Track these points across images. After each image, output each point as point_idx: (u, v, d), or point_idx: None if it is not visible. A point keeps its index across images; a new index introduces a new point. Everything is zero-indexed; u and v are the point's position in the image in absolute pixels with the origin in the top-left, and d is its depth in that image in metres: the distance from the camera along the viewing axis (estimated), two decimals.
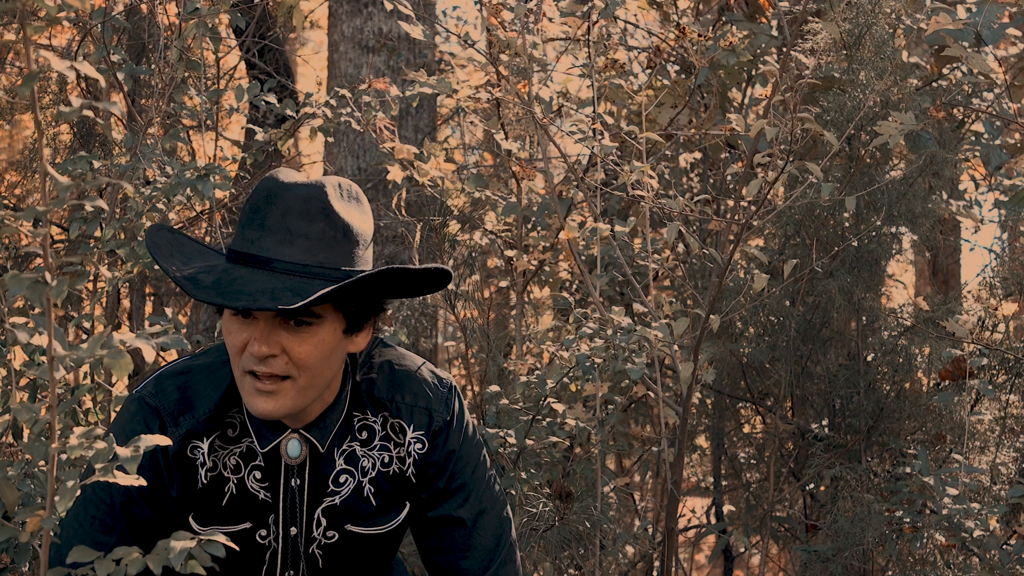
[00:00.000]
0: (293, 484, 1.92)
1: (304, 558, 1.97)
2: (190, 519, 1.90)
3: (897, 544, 3.36)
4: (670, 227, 3.07)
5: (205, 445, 1.87)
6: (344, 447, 1.95)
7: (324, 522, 1.95)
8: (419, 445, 1.99)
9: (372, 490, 1.97)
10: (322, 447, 1.91)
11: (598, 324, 2.95)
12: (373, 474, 1.97)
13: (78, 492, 1.52)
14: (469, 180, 3.81)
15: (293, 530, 1.94)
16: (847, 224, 3.69)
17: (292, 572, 1.97)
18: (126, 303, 4.20)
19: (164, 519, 1.87)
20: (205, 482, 1.88)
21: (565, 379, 2.97)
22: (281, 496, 1.92)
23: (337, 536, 1.97)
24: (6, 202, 4.55)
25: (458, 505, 2.03)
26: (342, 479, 1.95)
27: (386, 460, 1.98)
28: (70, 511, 1.85)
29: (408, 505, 2.03)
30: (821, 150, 3.71)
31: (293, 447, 1.90)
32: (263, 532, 1.93)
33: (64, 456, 1.51)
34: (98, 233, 3.01)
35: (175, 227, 1.86)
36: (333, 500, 1.95)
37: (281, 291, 1.71)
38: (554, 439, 3.02)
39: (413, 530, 2.08)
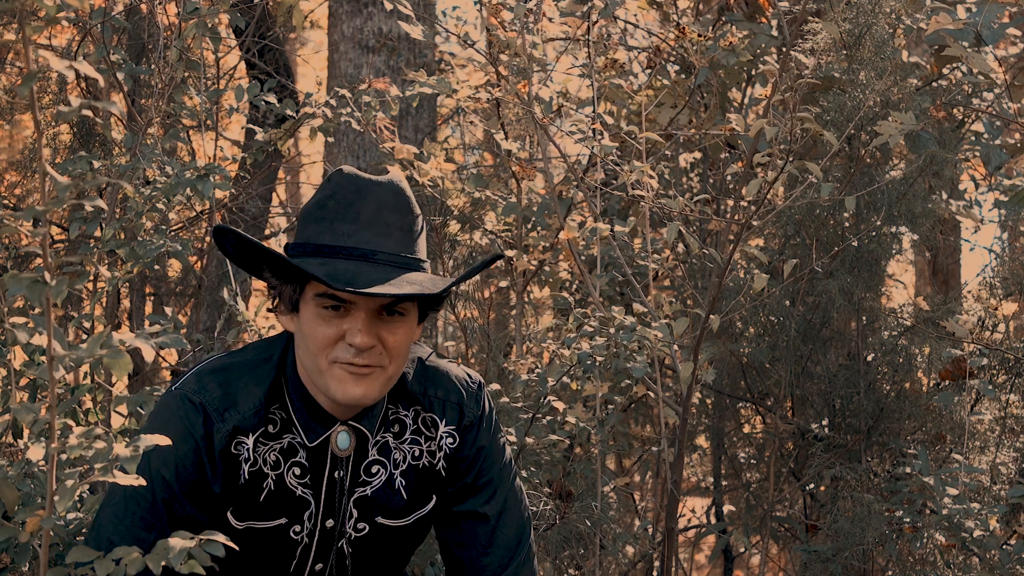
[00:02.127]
0: (336, 476, 1.94)
1: (334, 554, 1.98)
2: (228, 515, 1.90)
3: (897, 544, 3.36)
4: (670, 227, 3.07)
5: (250, 441, 1.88)
6: (378, 438, 1.97)
7: (355, 514, 1.97)
8: (450, 439, 2.02)
9: (403, 483, 1.99)
10: (372, 436, 1.94)
11: (600, 322, 2.95)
12: (404, 467, 1.99)
13: (79, 491, 1.53)
14: (469, 180, 3.81)
15: (330, 522, 1.95)
16: (847, 224, 3.69)
17: (321, 566, 1.98)
18: (126, 303, 4.20)
19: (205, 516, 1.87)
20: (247, 478, 1.89)
21: (565, 378, 2.97)
22: (325, 488, 1.93)
23: (367, 529, 1.98)
24: (6, 202, 4.55)
25: (484, 501, 2.05)
26: (374, 469, 1.97)
27: (416, 454, 2.00)
28: (110, 506, 1.84)
29: (434, 499, 2.04)
30: (821, 150, 3.71)
31: (343, 439, 1.93)
32: (296, 528, 1.94)
33: (64, 456, 1.51)
34: (98, 233, 3.00)
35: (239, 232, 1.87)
36: (364, 491, 1.97)
37: (397, 282, 1.77)
38: (554, 438, 3.02)
39: (436, 524, 2.10)
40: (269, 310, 1.94)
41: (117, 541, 1.79)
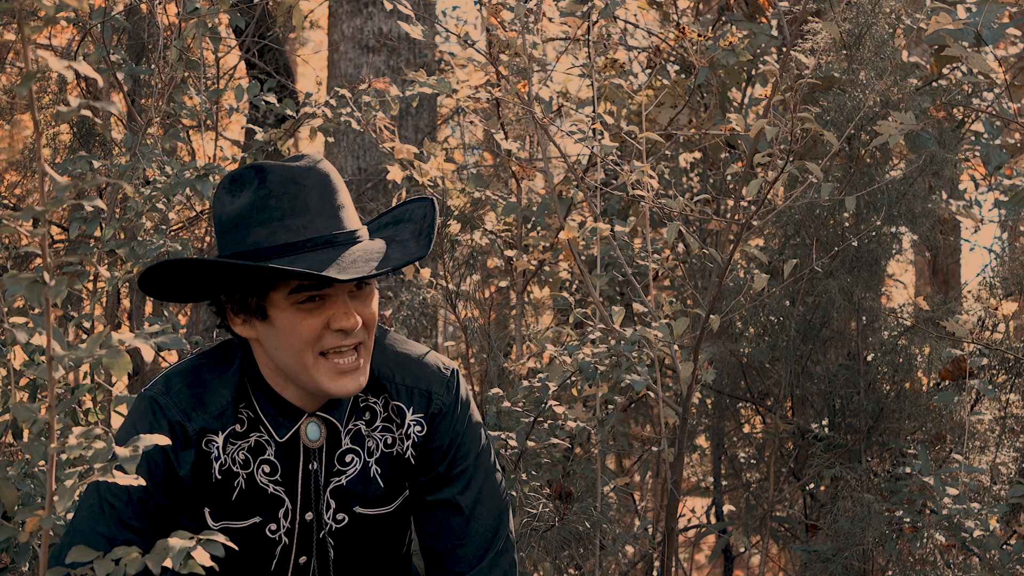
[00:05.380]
0: (311, 468, 1.94)
1: (316, 546, 1.97)
2: (205, 512, 1.91)
3: (897, 544, 3.36)
4: (670, 227, 3.07)
5: (220, 440, 1.89)
6: (350, 426, 1.97)
7: (333, 504, 1.96)
8: (418, 428, 2.00)
9: (378, 471, 1.98)
10: (341, 426, 1.94)
11: (602, 333, 2.95)
12: (378, 455, 1.98)
13: (79, 490, 1.52)
14: (469, 180, 3.81)
15: (309, 515, 1.95)
16: (847, 224, 3.69)
17: (304, 560, 1.97)
18: (126, 303, 4.20)
19: (180, 512, 1.88)
20: (219, 477, 1.90)
21: (566, 382, 2.97)
22: (300, 481, 1.93)
23: (347, 519, 1.98)
24: (6, 202, 4.55)
25: (458, 491, 2.03)
26: (348, 458, 1.97)
27: (388, 442, 2.00)
28: (85, 503, 1.86)
29: (407, 487, 2.03)
30: (821, 150, 3.71)
31: (313, 431, 1.93)
32: (272, 526, 1.94)
33: (64, 456, 1.51)
34: (98, 233, 3.00)
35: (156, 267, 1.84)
36: (340, 480, 1.96)
37: (371, 258, 1.82)
38: (555, 440, 3.02)
39: (412, 514, 2.09)
40: (218, 326, 1.94)
41: (95, 536, 1.82)
